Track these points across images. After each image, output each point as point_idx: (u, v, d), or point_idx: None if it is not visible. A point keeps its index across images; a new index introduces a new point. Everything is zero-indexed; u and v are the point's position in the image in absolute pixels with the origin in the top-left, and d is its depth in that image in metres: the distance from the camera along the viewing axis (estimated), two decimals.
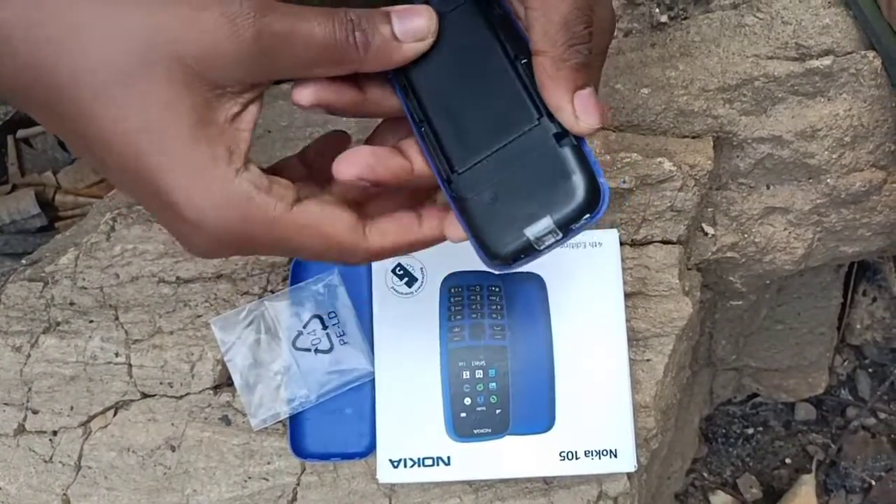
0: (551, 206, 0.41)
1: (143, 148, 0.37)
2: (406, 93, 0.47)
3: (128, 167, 0.38)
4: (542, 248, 0.42)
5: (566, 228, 0.41)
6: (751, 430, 1.09)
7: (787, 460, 1.08)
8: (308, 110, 0.43)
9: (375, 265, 0.64)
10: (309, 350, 0.66)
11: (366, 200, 0.45)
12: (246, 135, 0.39)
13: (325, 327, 0.66)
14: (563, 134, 0.42)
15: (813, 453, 1.07)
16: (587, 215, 0.41)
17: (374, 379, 0.63)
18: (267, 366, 0.66)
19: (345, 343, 0.66)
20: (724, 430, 1.09)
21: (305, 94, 0.41)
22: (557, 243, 0.42)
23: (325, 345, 0.66)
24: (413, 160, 0.44)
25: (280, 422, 0.67)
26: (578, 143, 0.42)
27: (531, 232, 0.42)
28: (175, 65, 0.37)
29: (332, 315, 0.66)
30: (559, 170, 0.41)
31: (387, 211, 0.44)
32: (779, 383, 1.01)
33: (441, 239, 0.45)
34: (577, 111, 0.41)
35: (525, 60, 0.43)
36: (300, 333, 0.66)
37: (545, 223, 0.41)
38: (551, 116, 0.42)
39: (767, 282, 0.80)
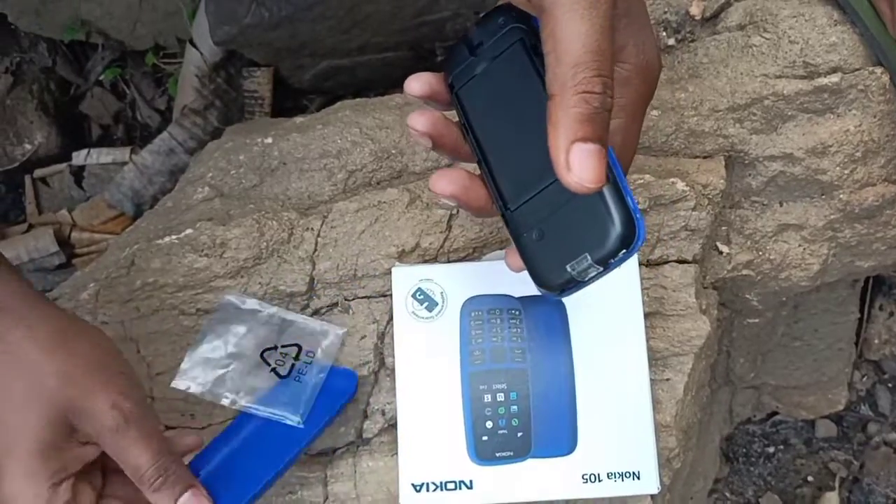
0: (590, 244, 0.43)
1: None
2: (465, 133, 0.50)
3: None
4: (586, 279, 0.45)
5: (606, 263, 0.43)
6: (772, 449, 1.08)
7: (810, 478, 1.07)
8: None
9: (396, 288, 0.64)
10: (268, 366, 0.66)
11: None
12: (76, 462, 0.55)
13: (296, 358, 0.66)
14: None
15: (835, 470, 1.06)
16: (624, 251, 0.43)
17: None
18: (226, 350, 0.67)
19: (298, 381, 0.65)
20: (744, 450, 1.08)
21: (415, 87, 0.50)
22: (600, 275, 0.45)
23: (284, 370, 0.66)
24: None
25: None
26: (615, 180, 0.43)
27: (573, 269, 0.45)
28: (48, 402, 0.55)
29: (310, 353, 0.66)
30: (595, 210, 0.43)
31: None
32: (798, 400, 1.01)
33: None
34: (571, 164, 0.40)
35: None
36: (275, 348, 0.67)
37: (585, 262, 0.44)
38: None
39: (783, 299, 0.80)
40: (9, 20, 1.13)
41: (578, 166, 0.40)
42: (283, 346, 0.67)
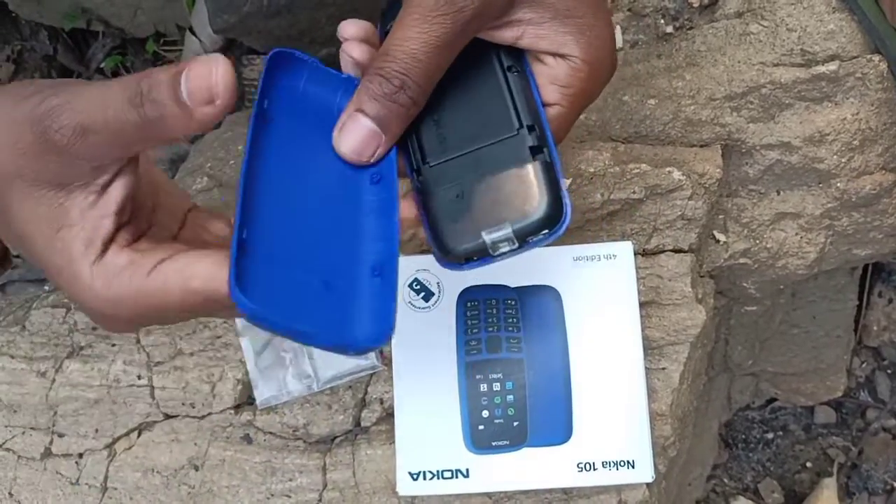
0: (513, 215, 0.42)
1: (29, 250, 0.41)
2: None
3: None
4: (495, 254, 0.43)
5: (524, 240, 0.42)
6: (771, 435, 1.09)
7: (808, 464, 1.07)
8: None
9: None
10: None
11: None
12: (107, 221, 0.40)
13: None
14: (538, 148, 0.43)
15: (834, 456, 1.07)
16: (546, 230, 0.42)
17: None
18: (278, 349, 0.68)
19: None
20: (743, 436, 1.09)
21: (350, 30, 0.49)
22: (512, 253, 0.43)
23: None
24: None
25: (294, 431, 0.68)
26: (551, 160, 0.42)
27: (489, 236, 0.42)
28: (19, 183, 0.39)
29: None
30: (527, 181, 0.42)
31: None
32: (797, 387, 1.01)
33: None
34: (343, 127, 0.44)
35: (516, 71, 0.44)
36: None
37: (504, 230, 0.42)
38: (531, 129, 0.43)
39: (781, 287, 0.80)
40: (10, 8, 1.13)
41: (346, 132, 0.43)
42: None
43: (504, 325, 0.63)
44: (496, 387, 0.62)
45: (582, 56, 0.46)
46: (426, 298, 0.64)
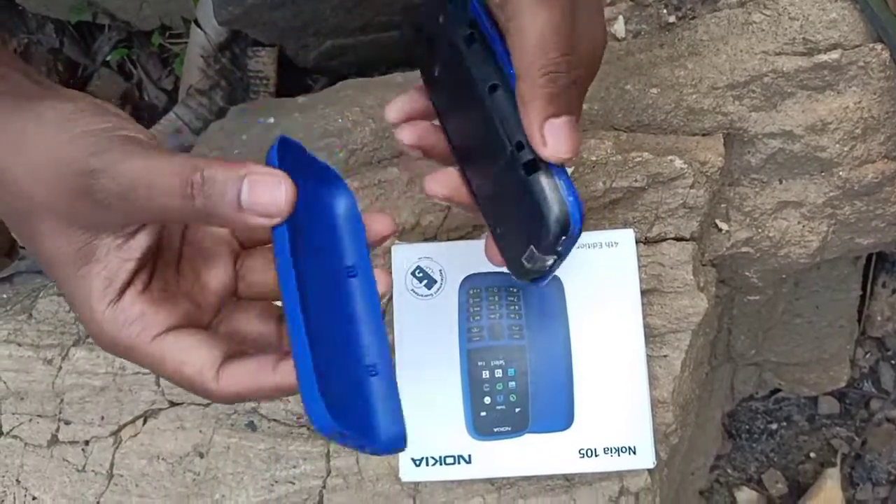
0: (532, 236, 0.42)
1: (54, 276, 0.42)
2: (445, 133, 0.49)
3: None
4: (547, 268, 0.44)
5: (553, 251, 0.42)
6: (774, 426, 1.09)
7: (812, 454, 1.07)
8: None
9: (396, 266, 0.65)
10: None
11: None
12: (129, 264, 0.41)
13: None
14: (531, 163, 0.42)
15: (837, 447, 1.07)
16: (564, 237, 0.42)
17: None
18: None
19: None
20: (747, 426, 1.09)
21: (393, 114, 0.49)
22: (558, 262, 0.43)
23: None
24: None
25: (298, 418, 0.68)
26: (548, 168, 0.42)
27: (528, 264, 0.44)
28: (51, 217, 0.40)
29: None
30: (532, 199, 0.42)
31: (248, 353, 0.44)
32: (800, 377, 1.01)
33: (293, 389, 0.41)
34: (547, 139, 0.41)
35: (499, 90, 0.43)
36: None
37: (534, 253, 0.43)
38: (520, 146, 0.42)
39: (783, 276, 0.80)
40: (16, 2, 1.14)
41: (554, 141, 0.41)
42: None
43: (506, 312, 0.64)
44: (498, 373, 0.63)
45: (581, 47, 0.44)
46: (428, 286, 0.65)
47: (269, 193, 0.38)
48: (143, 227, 0.42)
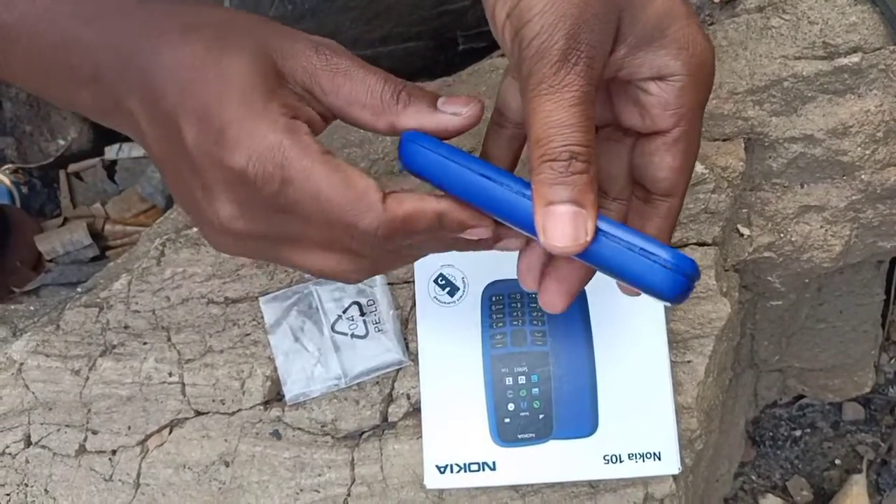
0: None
1: (211, 92, 0.41)
2: None
3: (192, 111, 0.42)
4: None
5: (675, 301, 0.42)
6: (799, 432, 1.08)
7: (837, 461, 1.07)
8: None
9: (418, 274, 0.65)
10: (346, 334, 0.69)
11: None
12: (305, 111, 0.43)
13: (363, 314, 0.69)
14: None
15: (863, 453, 1.06)
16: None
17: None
18: (306, 345, 0.69)
19: (380, 331, 0.68)
20: (771, 433, 1.08)
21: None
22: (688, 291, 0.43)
23: (361, 331, 0.68)
24: None
25: (322, 426, 0.69)
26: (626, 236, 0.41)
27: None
28: (255, 46, 0.42)
29: (371, 303, 0.68)
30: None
31: None
32: (824, 383, 1.01)
33: (456, 218, 0.43)
34: (544, 228, 0.40)
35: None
36: (339, 318, 0.69)
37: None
38: None
39: (807, 280, 0.80)
40: None
41: (550, 229, 0.40)
42: (343, 312, 0.69)
43: (529, 319, 0.64)
44: (521, 380, 0.63)
45: (684, 72, 0.44)
46: (451, 293, 0.65)
47: (462, 100, 0.44)
48: None
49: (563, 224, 0.40)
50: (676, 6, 0.44)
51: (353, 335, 0.69)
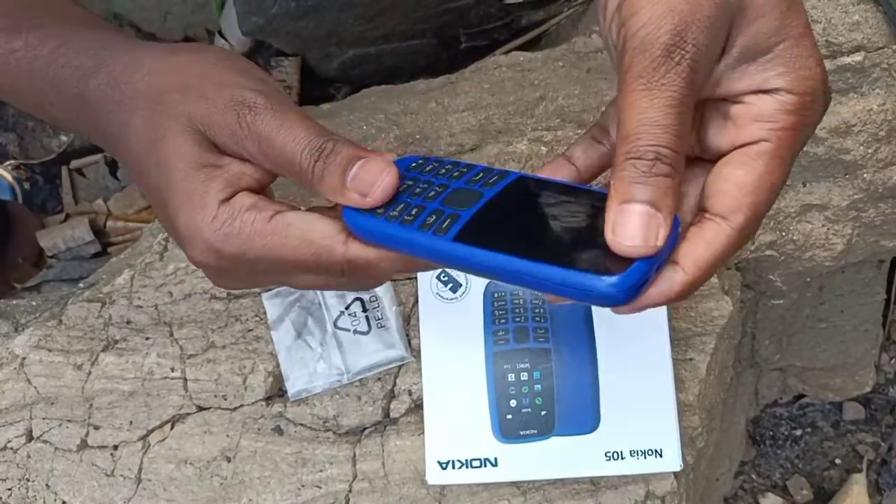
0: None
1: (158, 189, 0.45)
2: None
3: (151, 193, 0.46)
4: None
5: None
6: (799, 432, 1.08)
7: (837, 461, 1.07)
8: None
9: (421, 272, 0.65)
10: (349, 330, 0.69)
11: None
12: (249, 180, 0.44)
13: (365, 310, 0.69)
14: None
15: (863, 453, 1.06)
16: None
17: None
18: (308, 342, 0.69)
19: (382, 327, 0.69)
20: (771, 432, 1.08)
21: None
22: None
23: (363, 327, 0.69)
24: None
25: (324, 422, 0.69)
26: None
27: None
28: (186, 121, 0.44)
29: (374, 299, 0.69)
30: None
31: None
32: (825, 382, 1.01)
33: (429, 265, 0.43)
34: (614, 225, 0.38)
35: None
36: (342, 314, 0.69)
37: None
38: None
39: (808, 279, 0.80)
40: None
41: (620, 226, 0.38)
42: (346, 308, 0.69)
43: (531, 315, 0.64)
44: (524, 376, 0.63)
45: (789, 88, 0.41)
46: (454, 290, 0.65)
47: (374, 175, 0.41)
48: None
49: (634, 223, 0.38)
50: (791, 21, 0.41)
51: (355, 331, 0.69)
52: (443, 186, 0.43)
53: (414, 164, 0.45)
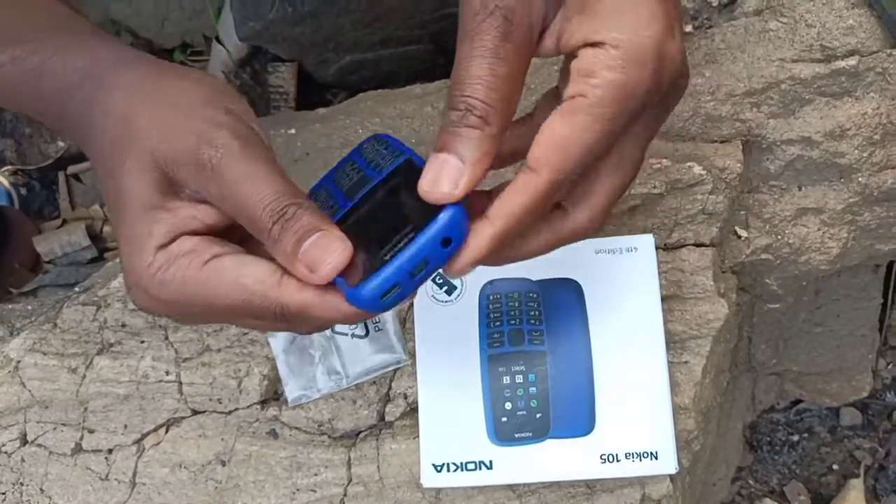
0: None
1: (113, 216, 0.45)
2: None
3: (110, 218, 0.48)
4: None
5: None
6: (796, 437, 1.08)
7: (835, 466, 1.07)
8: None
9: None
10: (346, 334, 0.68)
11: None
12: (196, 223, 0.43)
13: None
14: None
15: (860, 458, 1.06)
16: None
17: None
18: (306, 348, 0.69)
19: (379, 330, 0.69)
20: (768, 438, 1.08)
21: None
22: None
23: (361, 330, 0.69)
24: None
25: (319, 426, 0.69)
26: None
27: None
28: (148, 157, 0.43)
29: None
30: None
31: None
32: (821, 387, 1.01)
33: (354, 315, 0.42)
34: (425, 174, 0.40)
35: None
36: None
37: None
38: None
39: (804, 283, 0.80)
40: None
41: (427, 175, 0.40)
42: None
43: (526, 318, 0.64)
44: (519, 379, 0.63)
45: (615, 43, 0.39)
46: (449, 292, 0.65)
47: (321, 252, 0.40)
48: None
49: (434, 171, 0.39)
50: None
51: (353, 335, 0.69)
52: (359, 173, 0.44)
53: (367, 146, 0.47)
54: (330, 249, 0.40)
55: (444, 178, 0.39)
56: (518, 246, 0.44)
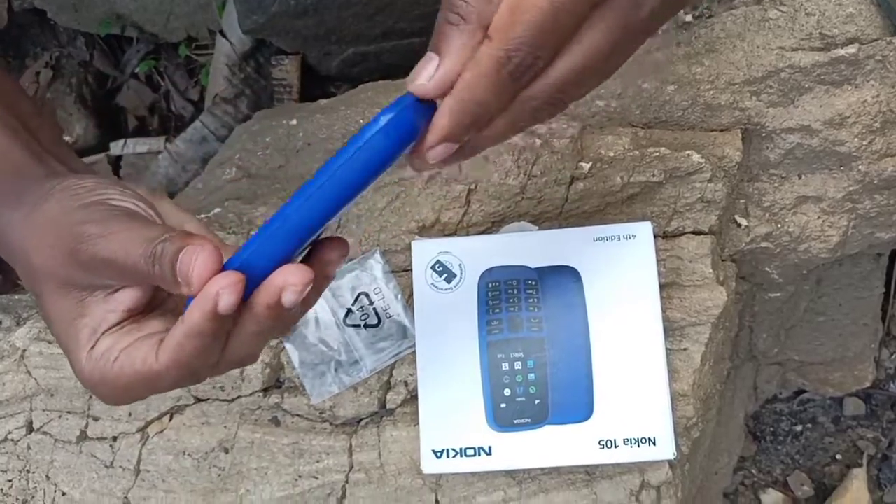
0: None
1: (54, 332, 0.48)
2: None
3: None
4: None
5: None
6: (799, 427, 1.08)
7: (838, 456, 1.06)
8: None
9: (416, 261, 0.66)
10: (359, 326, 0.69)
11: None
12: (113, 315, 0.46)
13: (371, 303, 0.69)
14: None
15: (864, 448, 1.06)
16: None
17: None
18: (322, 344, 0.69)
19: (390, 317, 0.69)
20: (772, 428, 1.08)
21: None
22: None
23: (373, 319, 0.69)
24: None
25: (321, 413, 0.69)
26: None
27: None
28: (52, 281, 0.46)
29: (378, 291, 0.69)
30: None
31: None
32: (824, 377, 1.00)
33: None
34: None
35: None
36: (350, 311, 0.69)
37: None
38: None
39: (805, 272, 0.80)
40: (48, 16, 1.17)
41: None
42: (353, 305, 0.69)
43: (525, 305, 0.64)
44: (518, 365, 0.63)
45: None
46: (448, 280, 0.65)
47: (186, 266, 0.41)
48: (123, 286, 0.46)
49: (417, 68, 0.41)
50: None
51: (366, 325, 0.69)
52: None
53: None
54: (194, 255, 0.41)
55: (422, 72, 0.41)
56: (487, 127, 0.43)
